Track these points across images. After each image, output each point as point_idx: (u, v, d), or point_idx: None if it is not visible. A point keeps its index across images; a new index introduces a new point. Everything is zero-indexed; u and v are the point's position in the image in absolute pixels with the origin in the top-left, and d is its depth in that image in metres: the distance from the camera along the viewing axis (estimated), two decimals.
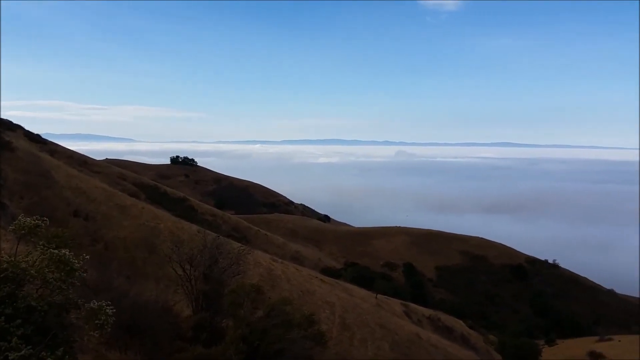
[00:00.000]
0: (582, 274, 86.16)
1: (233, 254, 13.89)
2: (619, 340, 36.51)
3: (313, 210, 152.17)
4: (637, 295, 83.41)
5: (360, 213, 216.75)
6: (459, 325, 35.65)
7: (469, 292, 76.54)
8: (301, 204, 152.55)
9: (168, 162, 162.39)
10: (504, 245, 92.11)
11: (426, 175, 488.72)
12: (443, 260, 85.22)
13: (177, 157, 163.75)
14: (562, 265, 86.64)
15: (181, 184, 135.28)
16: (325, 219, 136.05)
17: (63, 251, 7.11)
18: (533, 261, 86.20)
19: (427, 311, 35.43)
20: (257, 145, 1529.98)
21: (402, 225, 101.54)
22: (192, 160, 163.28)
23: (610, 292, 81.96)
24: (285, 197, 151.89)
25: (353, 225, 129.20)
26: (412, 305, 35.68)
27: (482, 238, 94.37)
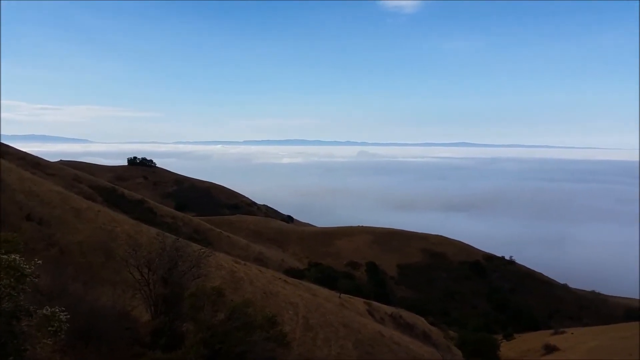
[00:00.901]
0: (537, 269, 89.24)
1: (193, 256, 13.66)
2: (572, 333, 38.02)
3: (276, 211, 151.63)
4: (590, 289, 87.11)
5: (324, 213, 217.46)
6: (420, 322, 36.28)
7: (429, 289, 78.05)
8: (264, 205, 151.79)
9: (125, 163, 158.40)
10: (463, 243, 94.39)
11: (388, 175, 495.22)
12: (404, 258, 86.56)
13: (135, 158, 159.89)
14: (518, 261, 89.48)
15: (139, 185, 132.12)
16: (289, 219, 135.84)
17: (13, 256, 6.82)
18: (490, 258, 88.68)
19: (389, 309, 35.88)
20: (219, 146, 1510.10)
21: (364, 225, 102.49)
22: (151, 161, 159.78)
23: (564, 287, 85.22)
24: (248, 198, 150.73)
25: (316, 225, 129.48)
26: (375, 303, 36.04)
27: (442, 236, 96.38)
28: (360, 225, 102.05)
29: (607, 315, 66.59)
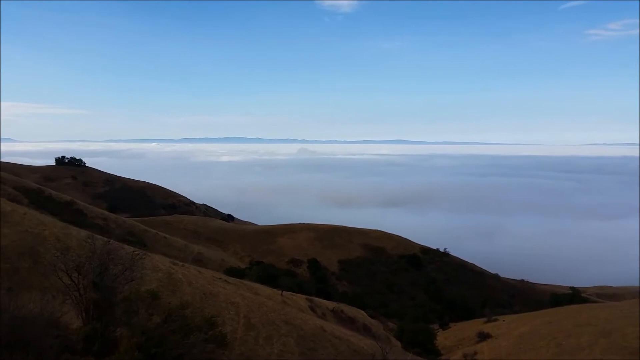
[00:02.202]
0: (470, 261, 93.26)
1: (126, 259, 13.10)
2: (504, 320, 39.95)
3: (216, 210, 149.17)
4: (519, 278, 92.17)
5: (265, 211, 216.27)
6: (360, 315, 36.92)
7: (369, 283, 79.59)
8: (203, 204, 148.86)
9: (53, 163, 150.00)
10: (401, 237, 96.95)
11: (328, 172, 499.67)
12: (345, 253, 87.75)
13: (63, 157, 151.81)
14: (452, 253, 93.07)
15: (68, 186, 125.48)
16: (229, 218, 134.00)
17: None
18: (427, 250, 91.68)
19: (331, 304, 36.23)
20: (154, 144, 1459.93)
21: (306, 222, 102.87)
22: (80, 160, 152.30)
23: (495, 276, 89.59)
24: (185, 198, 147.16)
25: (258, 223, 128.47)
26: (317, 299, 36.29)
27: (381, 231, 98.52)
28: (302, 222, 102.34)
29: (535, 302, 70.69)
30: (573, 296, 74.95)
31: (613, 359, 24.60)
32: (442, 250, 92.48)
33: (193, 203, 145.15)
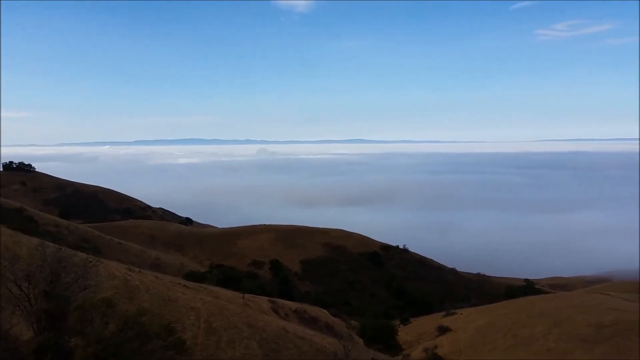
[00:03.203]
0: (428, 256, 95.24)
1: (79, 267, 12.64)
2: (462, 313, 40.93)
3: (173, 214, 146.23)
4: (475, 272, 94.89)
5: (225, 213, 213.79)
6: (323, 314, 37.03)
7: (331, 282, 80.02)
8: (160, 208, 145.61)
9: (0, 168, 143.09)
10: (361, 235, 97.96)
11: (288, 173, 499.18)
12: (307, 253, 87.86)
13: (12, 162, 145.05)
14: (411, 249, 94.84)
15: (17, 192, 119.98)
16: (188, 222, 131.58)
17: None
18: (387, 247, 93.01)
19: (293, 305, 36.17)
20: (107, 147, 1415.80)
21: (267, 223, 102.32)
22: (30, 165, 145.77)
23: (453, 271, 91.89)
24: (141, 202, 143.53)
25: (217, 226, 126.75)
26: (280, 300, 36.15)
27: (342, 230, 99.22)
28: (263, 223, 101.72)
29: (491, 294, 72.97)
30: (527, 288, 77.90)
31: (565, 347, 25.65)
32: (401, 247, 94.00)
33: (149, 207, 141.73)
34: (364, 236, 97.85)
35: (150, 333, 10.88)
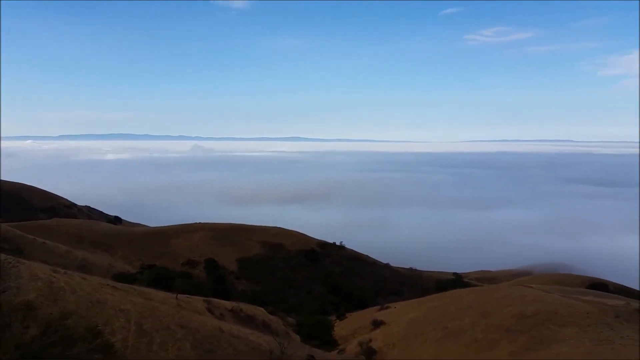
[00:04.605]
0: (364, 252, 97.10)
1: None
2: (395, 307, 42.04)
3: (101, 212, 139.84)
4: (408, 266, 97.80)
5: (157, 212, 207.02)
6: (260, 312, 36.77)
7: (269, 280, 79.59)
8: (86, 206, 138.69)
9: None
10: (299, 233, 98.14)
11: (225, 170, 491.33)
12: (244, 252, 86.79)
13: None
14: (348, 245, 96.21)
15: None
16: (116, 220, 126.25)
17: None
18: (324, 245, 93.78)
19: (229, 304, 35.62)
20: (28, 141, 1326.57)
21: (202, 222, 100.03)
22: None
23: (387, 266, 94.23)
24: (66, 200, 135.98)
25: (149, 225, 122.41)
26: (215, 300, 35.47)
27: (279, 227, 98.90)
28: (198, 222, 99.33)
29: (423, 288, 75.54)
30: (456, 281, 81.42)
31: (492, 337, 27.03)
32: (338, 243, 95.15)
33: (75, 205, 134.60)
34: (302, 234, 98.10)
35: (75, 336, 10.26)
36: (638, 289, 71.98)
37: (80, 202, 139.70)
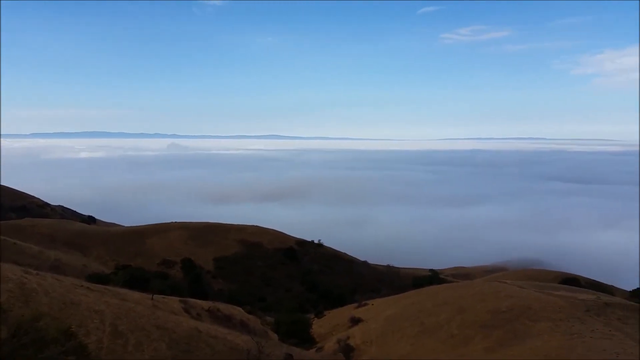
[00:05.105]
0: (342, 250, 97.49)
1: None
2: (372, 304, 42.34)
3: (75, 212, 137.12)
4: (385, 264, 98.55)
5: (133, 211, 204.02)
6: (237, 312, 36.60)
7: (247, 279, 79.25)
8: (59, 206, 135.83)
9: None
10: (277, 231, 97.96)
11: (202, 168, 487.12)
12: (221, 251, 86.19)
13: None
14: (326, 243, 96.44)
15: None
16: (91, 220, 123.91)
17: None
18: (302, 243, 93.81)
19: (206, 304, 35.37)
20: None
21: (179, 220, 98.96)
22: None
23: (364, 263, 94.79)
24: (39, 199, 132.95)
25: (124, 224, 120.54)
26: (192, 300, 35.17)
27: (257, 226, 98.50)
28: (174, 221, 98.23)
29: (400, 285, 76.17)
30: (432, 278, 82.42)
31: (467, 332, 27.46)
32: (316, 241, 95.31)
33: (48, 204, 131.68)
34: (280, 232, 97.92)
35: (47, 338, 10.07)
36: (608, 283, 74.09)
37: (53, 202, 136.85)
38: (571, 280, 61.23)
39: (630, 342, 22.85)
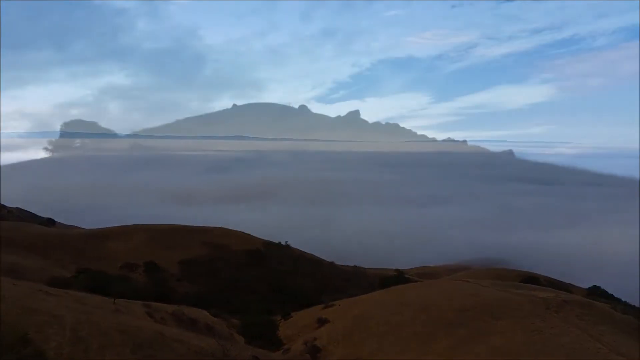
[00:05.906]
0: (308, 251, 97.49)
1: None
2: (339, 305, 42.49)
3: (33, 214, 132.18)
4: (352, 264, 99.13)
5: (94, 213, 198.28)
6: (202, 315, 36.08)
7: (213, 281, 78.09)
8: (16, 208, 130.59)
9: None
10: (243, 232, 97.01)
11: (166, 169, 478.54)
12: (186, 253, 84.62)
13: None
14: (292, 244, 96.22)
15: None
16: (50, 222, 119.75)
17: None
18: (268, 244, 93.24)
19: (171, 307, 34.75)
20: None
21: (141, 223, 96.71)
22: None
23: (331, 264, 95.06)
24: None
25: (84, 227, 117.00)
26: (155, 304, 34.47)
27: (223, 228, 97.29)
28: (137, 223, 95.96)
29: (367, 285, 76.80)
30: (398, 277, 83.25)
31: (431, 330, 27.94)
32: (283, 243, 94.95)
33: (4, 207, 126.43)
34: (246, 234, 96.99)
35: (4, 345, 9.65)
36: (566, 281, 76.83)
37: (9, 204, 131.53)
38: (532, 279, 63.15)
39: (586, 337, 23.83)
